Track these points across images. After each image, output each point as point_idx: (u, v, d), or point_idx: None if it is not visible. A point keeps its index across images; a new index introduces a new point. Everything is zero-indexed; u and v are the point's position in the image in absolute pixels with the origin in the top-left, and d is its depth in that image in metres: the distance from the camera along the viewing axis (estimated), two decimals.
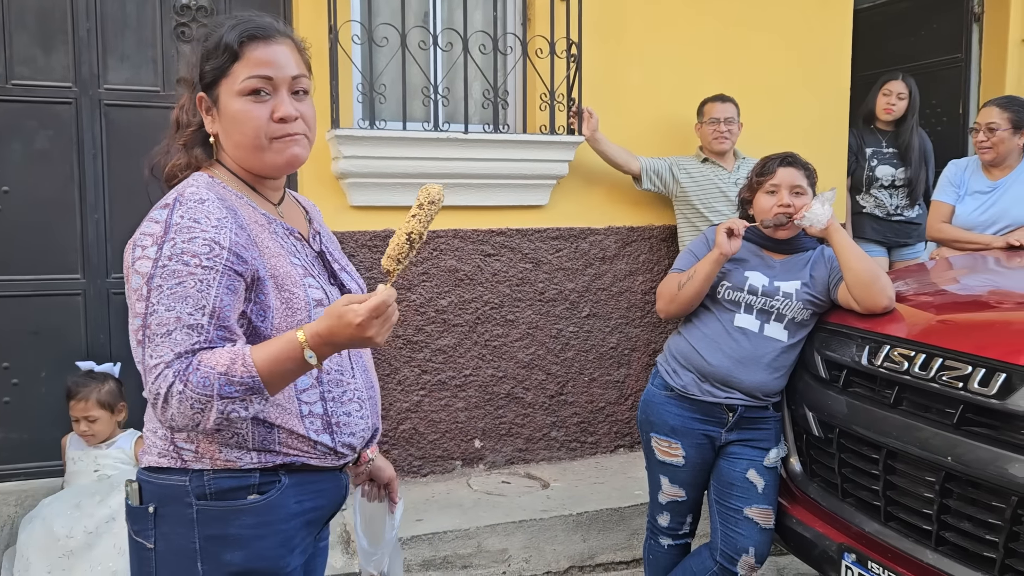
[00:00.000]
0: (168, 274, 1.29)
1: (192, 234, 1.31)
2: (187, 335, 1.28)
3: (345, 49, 3.32)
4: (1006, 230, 3.29)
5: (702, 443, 2.46)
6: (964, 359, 1.95)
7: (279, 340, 1.32)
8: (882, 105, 4.25)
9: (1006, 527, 1.79)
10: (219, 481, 1.37)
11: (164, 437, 1.39)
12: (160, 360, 1.27)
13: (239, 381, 1.28)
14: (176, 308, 1.28)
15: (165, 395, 1.27)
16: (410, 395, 3.62)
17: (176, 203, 1.35)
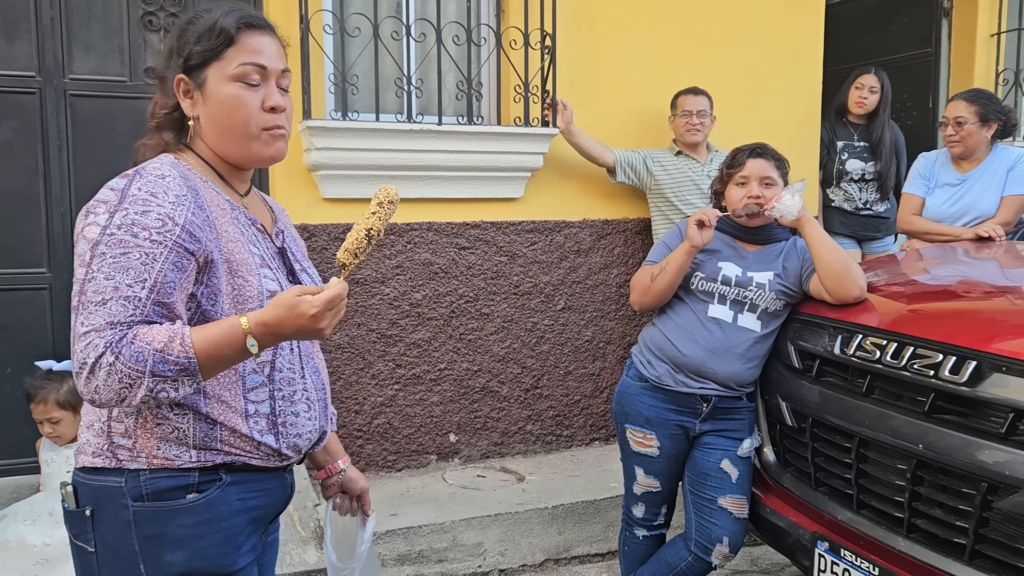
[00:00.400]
0: (114, 243, 1.26)
1: (147, 207, 1.28)
2: (123, 306, 1.24)
3: (317, 39, 3.28)
4: (975, 222, 3.33)
5: (676, 434, 2.47)
6: (935, 347, 1.97)
7: (221, 324, 1.30)
8: (854, 98, 4.28)
9: (976, 513, 1.81)
10: (156, 481, 1.33)
11: (100, 433, 1.35)
12: (91, 327, 1.23)
13: (174, 360, 1.24)
14: (116, 277, 1.25)
15: (92, 365, 1.22)
16: (384, 389, 3.59)
17: (136, 175, 1.32)
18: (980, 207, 3.35)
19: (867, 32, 5.39)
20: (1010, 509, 1.74)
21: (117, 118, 3.30)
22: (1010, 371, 1.81)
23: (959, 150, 3.38)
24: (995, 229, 3.09)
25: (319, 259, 3.44)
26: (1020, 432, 1.76)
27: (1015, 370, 1.80)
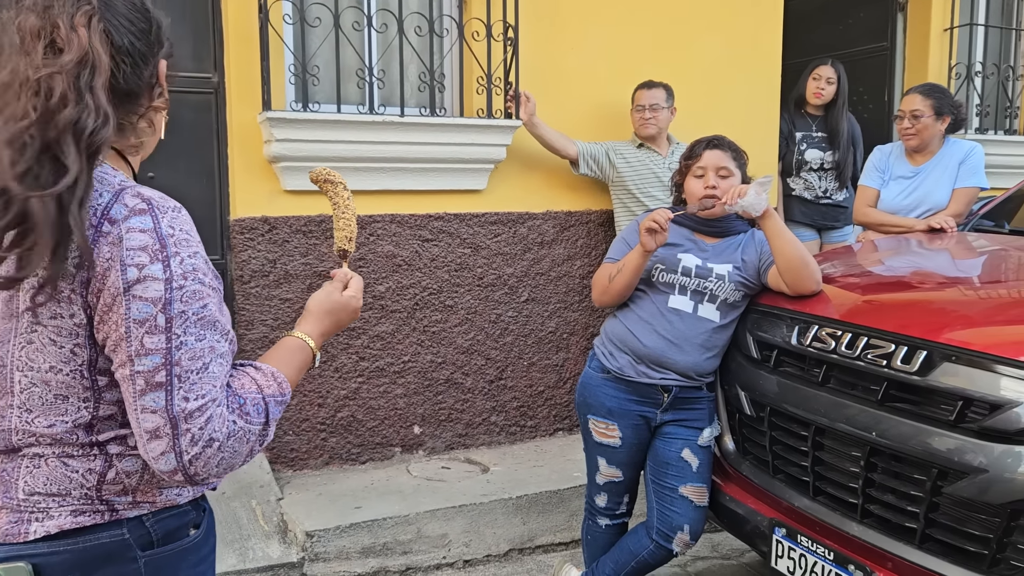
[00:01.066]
0: (189, 296, 1.09)
1: (191, 248, 1.11)
2: (221, 366, 1.12)
3: (276, 29, 3.24)
4: (927, 213, 3.40)
5: (638, 424, 2.50)
6: (888, 337, 2.02)
7: (292, 351, 1.28)
8: (812, 89, 4.36)
9: (926, 499, 1.86)
10: (164, 523, 1.21)
11: (83, 498, 1.15)
12: (206, 399, 1.08)
13: (282, 401, 1.19)
14: (207, 337, 1.11)
15: (224, 438, 1.10)
16: (348, 382, 3.58)
17: (154, 209, 1.10)
18: (933, 199, 3.43)
19: (825, 26, 5.47)
20: (958, 494, 1.80)
21: None
22: (959, 360, 1.86)
23: (915, 143, 3.45)
24: (947, 221, 3.16)
25: (281, 251, 3.41)
26: (968, 420, 1.82)
27: (964, 359, 1.86)
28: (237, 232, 3.37)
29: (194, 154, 3.42)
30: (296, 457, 3.53)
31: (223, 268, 3.48)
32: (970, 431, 1.80)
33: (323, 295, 1.40)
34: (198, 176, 3.43)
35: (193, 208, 3.68)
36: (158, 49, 1.19)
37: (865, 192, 3.60)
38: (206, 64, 3.40)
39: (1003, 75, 5.06)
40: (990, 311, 2.15)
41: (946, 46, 4.84)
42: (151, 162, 3.56)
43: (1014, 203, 3.22)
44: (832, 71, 4.35)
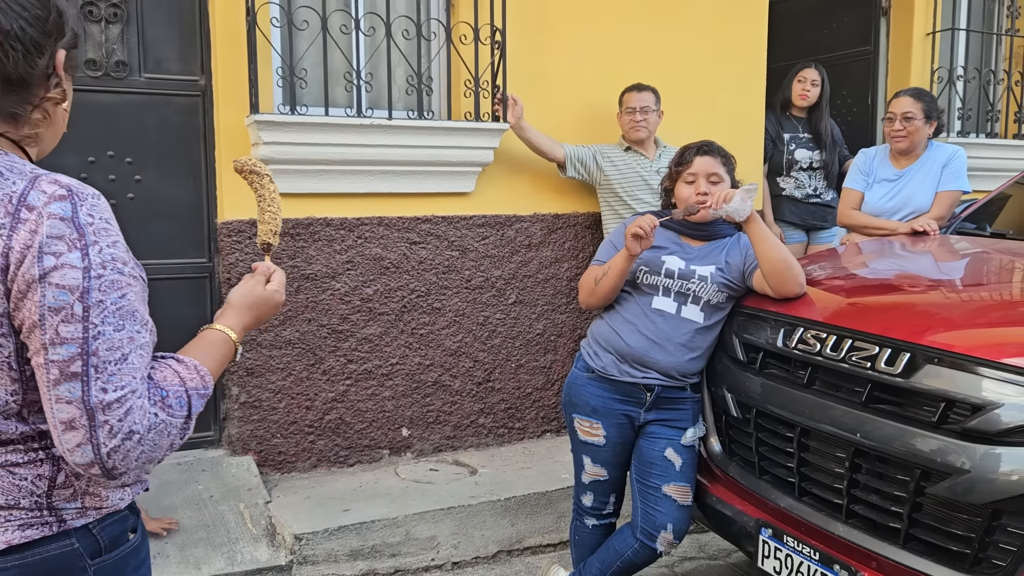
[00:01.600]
0: (108, 286, 1.07)
1: (111, 237, 1.10)
2: (141, 357, 1.09)
3: (264, 32, 3.24)
4: (911, 216, 3.44)
5: (622, 423, 2.52)
6: (872, 340, 2.05)
7: (214, 344, 1.26)
8: (797, 91, 4.43)
9: (910, 499, 1.89)
10: (109, 529, 1.20)
11: (33, 507, 1.12)
12: (125, 390, 1.06)
13: (206, 394, 1.17)
14: (126, 327, 1.08)
15: (144, 430, 1.07)
16: (336, 384, 3.58)
17: (74, 197, 1.08)
18: (916, 202, 3.47)
19: (809, 30, 5.52)
20: (941, 494, 1.83)
21: None
22: (941, 362, 1.89)
23: (904, 145, 3.48)
24: (930, 224, 3.20)
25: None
26: (951, 421, 1.84)
27: (946, 361, 1.89)
28: (224, 235, 3.36)
29: (181, 157, 3.41)
30: (284, 460, 3.52)
31: (210, 271, 3.48)
32: (953, 432, 1.82)
33: (245, 288, 1.37)
34: (185, 179, 3.43)
35: (180, 211, 3.69)
36: (57, 38, 1.14)
37: (849, 195, 3.64)
38: (193, 67, 3.40)
39: (984, 79, 5.12)
40: (972, 313, 2.18)
41: (928, 50, 4.90)
42: (138, 164, 3.57)
43: (995, 206, 3.26)
44: (816, 74, 4.43)
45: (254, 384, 3.44)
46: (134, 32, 3.29)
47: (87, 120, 3.26)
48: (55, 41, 1.14)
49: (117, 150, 3.31)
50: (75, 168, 3.26)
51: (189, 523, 3.01)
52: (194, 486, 3.25)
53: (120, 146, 3.32)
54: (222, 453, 3.51)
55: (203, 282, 3.48)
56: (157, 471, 3.32)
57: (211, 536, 2.95)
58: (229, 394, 3.44)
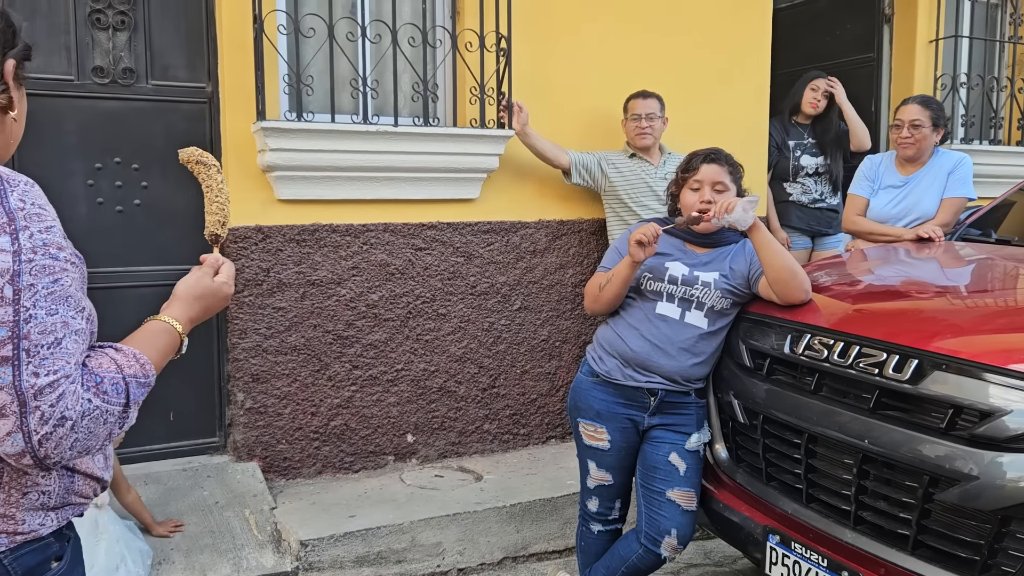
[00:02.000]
0: (39, 270, 1.05)
1: (44, 223, 1.09)
2: (76, 342, 1.07)
3: (271, 39, 3.25)
4: (916, 223, 3.45)
5: (626, 427, 2.52)
6: (879, 346, 2.05)
7: (157, 334, 1.24)
8: (808, 99, 4.48)
9: (918, 505, 1.89)
10: (23, 559, 1.13)
11: None
12: (57, 375, 1.03)
13: (147, 382, 1.15)
14: (60, 311, 1.06)
15: (77, 416, 1.04)
16: (341, 391, 3.58)
17: (4, 183, 1.09)
18: (921, 208, 3.47)
19: (812, 37, 5.53)
20: (950, 501, 1.82)
21: (64, 118, 3.24)
22: (949, 369, 1.89)
23: (912, 152, 3.49)
24: (935, 230, 3.20)
25: (274, 260, 3.41)
26: (959, 427, 1.84)
27: (953, 368, 1.89)
28: (231, 241, 3.37)
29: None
30: (289, 466, 3.52)
31: None
32: (961, 438, 1.82)
33: (193, 280, 1.34)
34: (191, 185, 3.43)
35: (186, 217, 3.70)
36: (6, 48, 1.16)
37: (855, 201, 3.64)
38: (200, 74, 3.41)
39: (987, 86, 5.13)
40: (979, 320, 2.18)
41: (931, 57, 4.91)
42: (145, 171, 3.58)
43: (1000, 212, 3.26)
44: (826, 84, 4.49)
45: (259, 390, 3.44)
46: (141, 39, 3.31)
47: (94, 127, 3.28)
48: (4, 51, 1.16)
49: (124, 156, 3.32)
50: (82, 174, 3.27)
51: (195, 529, 3.01)
52: (199, 492, 3.25)
53: (127, 152, 3.33)
54: (227, 459, 3.51)
55: None
56: (162, 477, 3.33)
57: (216, 542, 2.95)
58: (234, 400, 3.45)
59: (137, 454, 3.43)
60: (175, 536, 2.95)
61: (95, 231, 3.30)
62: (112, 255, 3.34)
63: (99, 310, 3.43)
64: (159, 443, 3.47)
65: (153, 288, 3.38)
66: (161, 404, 3.45)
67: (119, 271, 3.34)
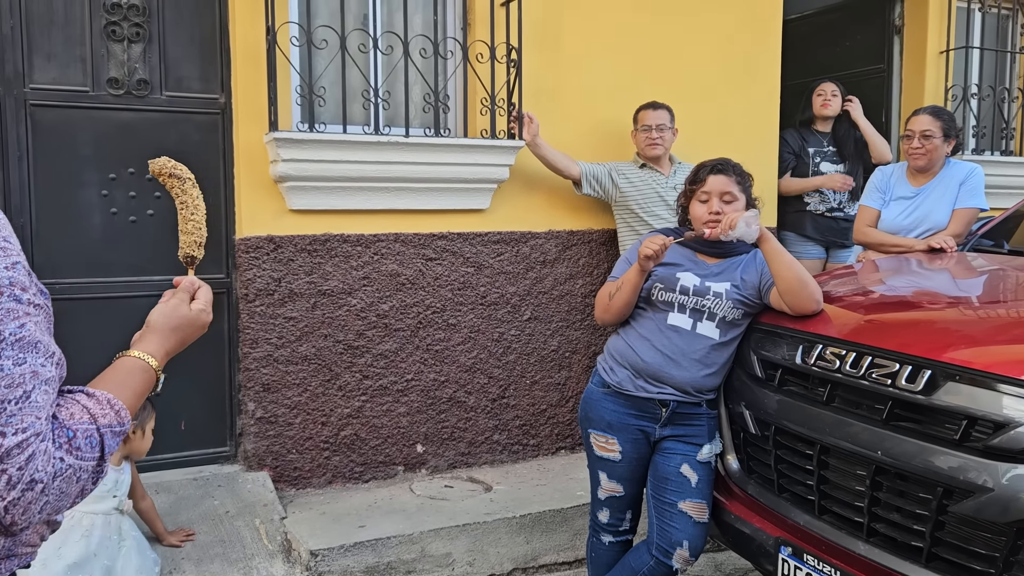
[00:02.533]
0: (3, 315, 0.94)
1: (10, 257, 0.98)
2: (46, 394, 0.95)
3: (283, 51, 3.28)
4: (928, 233, 3.44)
5: (638, 438, 2.52)
6: (892, 357, 2.04)
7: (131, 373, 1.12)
8: (819, 103, 4.50)
9: (932, 517, 1.87)
10: None
11: None
12: (29, 432, 0.92)
13: (122, 431, 1.05)
14: (28, 360, 0.94)
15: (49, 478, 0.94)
16: (351, 400, 3.59)
17: None
18: (933, 219, 3.46)
19: (823, 48, 5.53)
20: (964, 513, 1.81)
21: (79, 128, 3.27)
22: (963, 380, 1.88)
23: (923, 162, 3.48)
24: (947, 241, 3.19)
25: (286, 270, 3.43)
26: (973, 439, 1.83)
27: (967, 379, 1.88)
28: (242, 251, 3.39)
29: (200, 174, 3.39)
30: (299, 476, 3.53)
31: (228, 287, 3.50)
32: (975, 450, 1.81)
33: (168, 308, 1.23)
34: (204, 195, 3.45)
35: None
36: None
37: (865, 212, 3.63)
38: (213, 85, 3.44)
39: (999, 97, 5.11)
40: (992, 330, 2.17)
41: (942, 68, 4.90)
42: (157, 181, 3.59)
43: (1012, 223, 3.25)
44: (833, 86, 4.52)
45: (270, 400, 3.45)
46: (156, 51, 3.34)
47: (109, 137, 3.30)
48: None
49: (138, 167, 3.35)
50: (96, 184, 3.30)
51: (205, 539, 3.02)
52: (210, 501, 3.26)
53: (141, 163, 3.35)
54: (238, 468, 3.52)
55: (220, 298, 3.50)
56: (173, 486, 3.33)
57: (227, 552, 2.96)
58: (245, 410, 3.46)
59: (148, 463, 3.44)
60: (185, 545, 2.96)
61: (109, 241, 3.32)
62: (125, 265, 3.36)
63: (113, 320, 3.46)
64: (170, 452, 3.48)
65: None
66: (172, 413, 3.46)
67: (132, 280, 3.36)
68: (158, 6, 3.33)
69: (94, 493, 2.54)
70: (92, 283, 3.32)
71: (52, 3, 3.20)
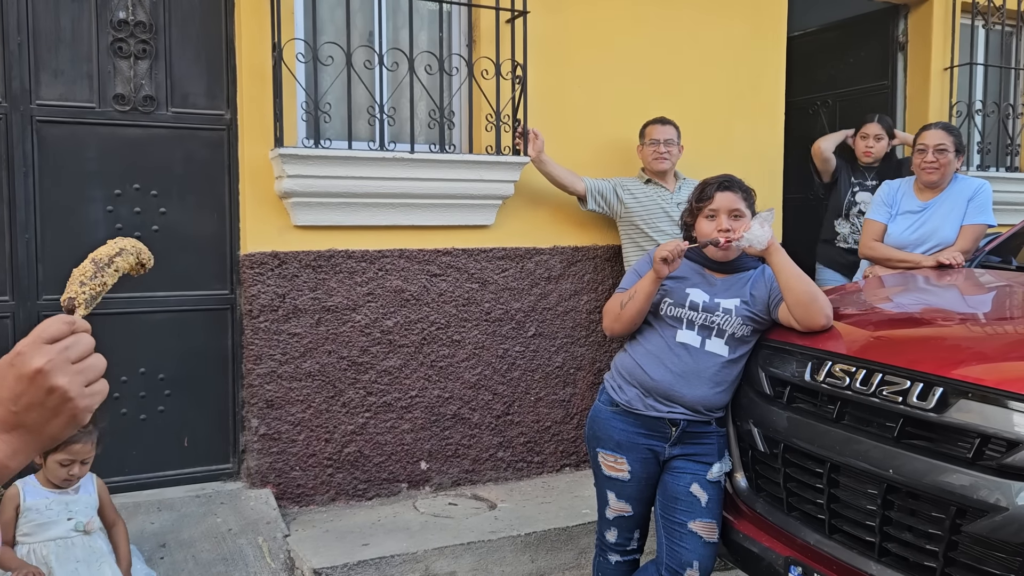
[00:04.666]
0: None
1: None
2: None
3: (289, 67, 3.29)
4: (935, 249, 3.42)
5: (647, 457, 2.49)
6: (903, 374, 2.02)
7: None
8: (861, 149, 4.30)
9: (945, 536, 1.85)
10: None
11: None
12: None
13: None
14: None
15: None
16: (355, 417, 3.57)
17: None
18: (940, 235, 3.45)
19: (827, 64, 5.55)
20: (978, 532, 1.78)
21: (85, 144, 3.27)
22: (975, 397, 1.86)
23: (936, 177, 3.47)
24: (956, 256, 3.18)
25: (290, 286, 3.42)
26: (986, 457, 1.81)
27: (980, 396, 1.85)
28: (247, 267, 3.38)
29: (206, 190, 3.45)
30: (302, 493, 3.50)
31: (232, 302, 3.49)
32: (989, 468, 1.79)
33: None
34: (209, 211, 3.46)
35: (204, 243, 3.73)
36: None
37: (872, 226, 3.62)
38: (219, 101, 3.44)
39: (1003, 113, 5.11)
40: (1004, 347, 2.15)
41: (946, 85, 4.90)
42: (164, 197, 3.60)
43: (1020, 239, 3.23)
44: (879, 127, 4.27)
45: (273, 416, 3.43)
46: (162, 68, 3.35)
47: (114, 153, 3.31)
48: None
49: (143, 183, 3.35)
50: (101, 200, 3.30)
51: (208, 556, 2.99)
52: (212, 519, 3.23)
53: (146, 179, 3.36)
54: (241, 486, 3.49)
55: (225, 314, 3.49)
56: (175, 504, 3.31)
57: (230, 570, 2.93)
58: (249, 426, 3.44)
59: (150, 480, 3.42)
60: (188, 563, 2.93)
61: None
62: (130, 281, 3.35)
63: (117, 336, 3.45)
64: (172, 469, 3.46)
65: (170, 314, 3.39)
66: (175, 430, 3.44)
67: (137, 296, 3.35)
68: (164, 23, 3.34)
69: (37, 521, 2.56)
70: None
71: (59, 20, 3.21)
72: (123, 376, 3.32)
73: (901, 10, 5.07)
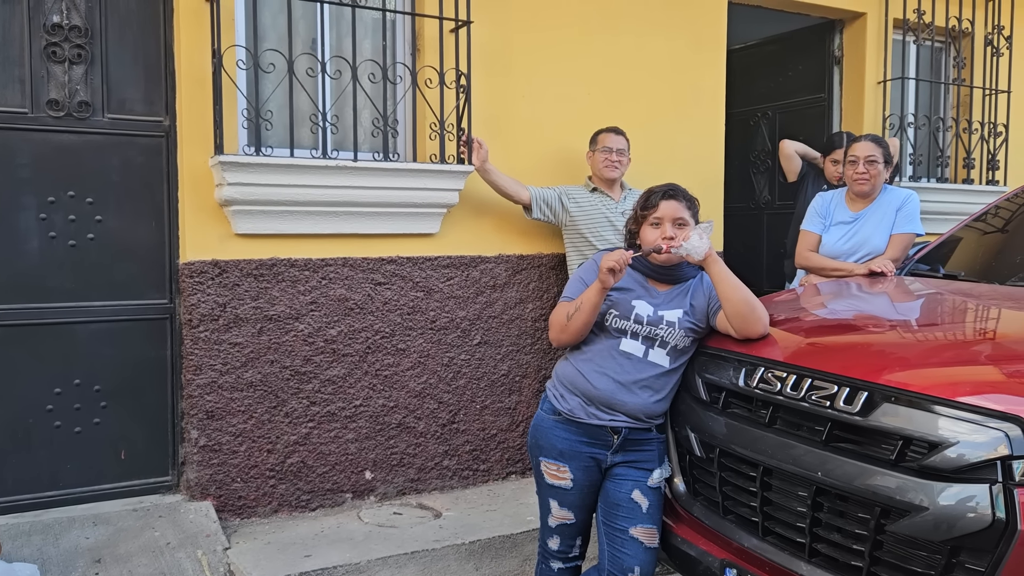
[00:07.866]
0: None
1: None
2: None
3: (230, 74, 3.25)
4: (867, 258, 3.53)
5: (589, 466, 2.51)
6: (831, 379, 2.08)
7: None
8: (831, 172, 4.40)
9: (871, 536, 1.91)
10: None
11: None
12: None
13: None
14: None
15: None
16: (298, 427, 3.53)
17: None
18: (871, 244, 3.55)
19: (767, 77, 5.68)
20: (901, 531, 1.85)
21: (17, 151, 3.18)
22: (898, 401, 1.93)
23: (867, 187, 3.58)
24: (886, 265, 3.28)
25: (231, 295, 3.37)
26: (909, 459, 1.87)
27: (903, 400, 1.92)
28: (186, 276, 3.32)
29: (144, 197, 3.38)
30: (244, 505, 3.45)
31: (171, 312, 3.43)
32: (911, 470, 1.85)
33: None
34: (147, 219, 3.39)
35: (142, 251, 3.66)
36: None
37: (807, 237, 3.72)
38: (157, 108, 3.39)
39: (934, 126, 5.29)
40: (927, 353, 2.23)
41: (880, 98, 5.06)
42: (100, 205, 3.53)
43: (947, 248, 3.35)
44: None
45: (214, 427, 3.38)
46: (98, 73, 3.28)
47: (48, 160, 3.23)
48: None
49: (78, 190, 3.28)
50: (35, 207, 3.21)
51: (145, 571, 2.93)
52: (150, 533, 3.16)
53: (81, 186, 3.28)
54: (180, 498, 3.43)
55: (164, 323, 3.43)
56: (112, 518, 3.23)
57: None
58: (188, 438, 3.37)
59: (86, 494, 3.33)
60: None
61: (47, 266, 3.23)
62: (65, 290, 3.27)
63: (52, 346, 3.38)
64: (109, 482, 3.38)
65: (107, 324, 3.32)
66: (111, 442, 3.36)
67: (72, 307, 3.27)
68: (101, 27, 3.27)
69: None
70: (29, 309, 3.22)
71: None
72: (56, 388, 3.23)
73: (837, 25, 5.22)
